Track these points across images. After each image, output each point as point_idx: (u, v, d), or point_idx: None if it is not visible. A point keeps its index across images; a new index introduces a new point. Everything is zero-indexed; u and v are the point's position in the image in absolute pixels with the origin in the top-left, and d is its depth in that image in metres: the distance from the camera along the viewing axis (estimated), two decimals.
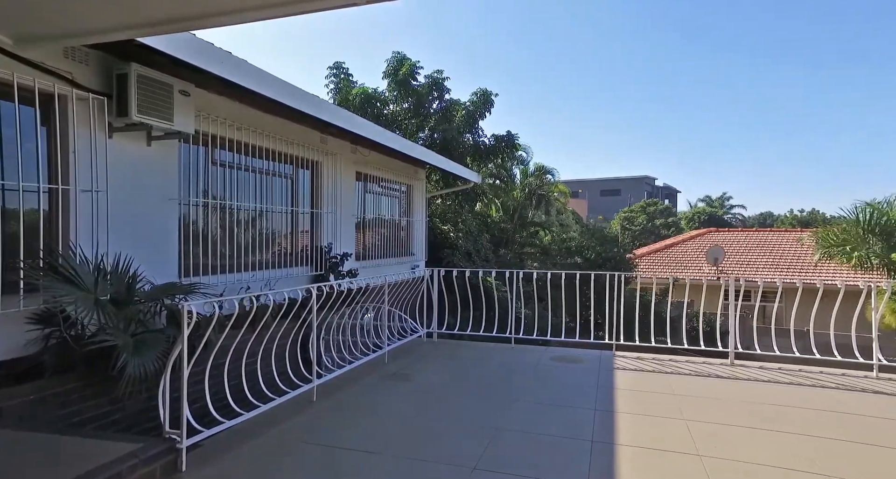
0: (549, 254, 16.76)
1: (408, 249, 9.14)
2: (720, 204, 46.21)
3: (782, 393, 4.73)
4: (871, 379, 5.11)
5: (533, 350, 6.40)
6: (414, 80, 12.40)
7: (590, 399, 4.44)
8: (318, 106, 5.11)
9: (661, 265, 20.80)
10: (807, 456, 3.31)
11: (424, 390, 4.77)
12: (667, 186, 59.48)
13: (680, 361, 5.84)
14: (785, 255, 19.36)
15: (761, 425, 3.87)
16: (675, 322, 6.22)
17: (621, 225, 37.56)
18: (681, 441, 3.54)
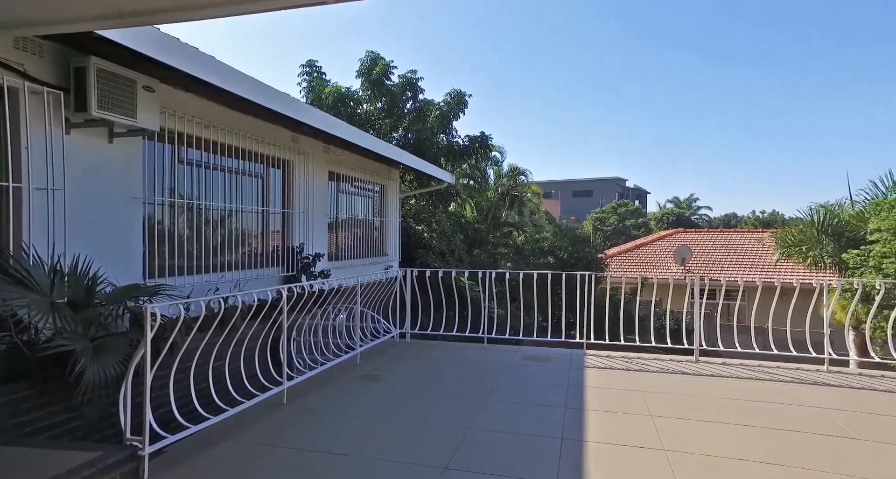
0: (523, 254, 16.94)
1: (381, 249, 9.10)
2: (688, 205, 47.52)
3: (743, 388, 4.90)
4: (822, 373, 5.35)
5: (505, 350, 6.46)
6: (388, 79, 12.35)
7: (560, 398, 4.50)
8: (289, 104, 5.03)
9: (631, 265, 21.26)
10: (763, 447, 3.44)
11: (397, 391, 4.75)
12: (637, 187, 60.84)
13: (648, 358, 5.99)
14: (747, 254, 20.06)
15: (723, 418, 4.01)
16: (644, 321, 6.37)
17: (593, 225, 38.24)
18: (647, 437, 3.63)
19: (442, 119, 12.33)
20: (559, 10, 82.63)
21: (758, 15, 73.83)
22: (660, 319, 12.19)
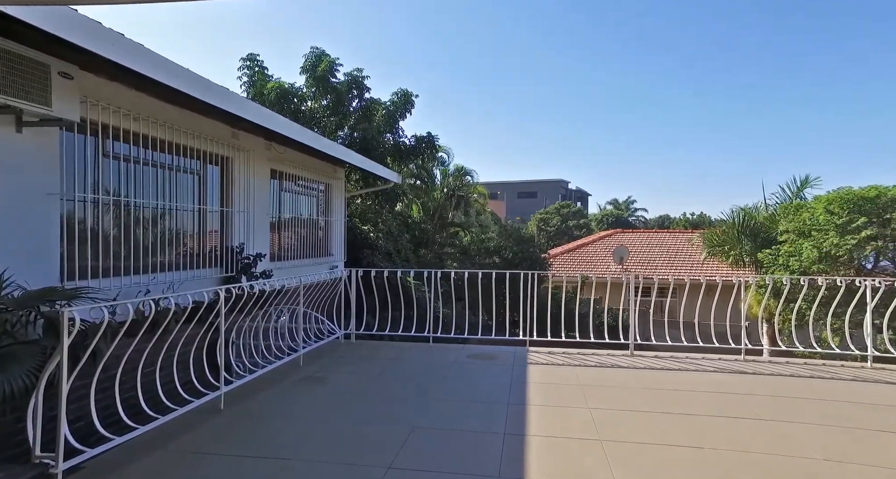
0: (469, 254, 17.14)
1: (326, 249, 8.92)
2: (626, 207, 49.86)
3: (672, 378, 5.23)
4: (740, 362, 5.80)
5: (450, 349, 6.52)
6: (333, 77, 12.11)
7: (503, 394, 4.61)
8: (227, 98, 4.83)
9: (573, 264, 22.04)
10: (689, 432, 3.69)
11: (340, 392, 4.69)
12: (579, 189, 63.14)
13: (587, 353, 6.25)
14: (679, 254, 21.34)
15: (654, 407, 4.26)
16: (584, 318, 6.64)
17: (537, 226, 39.30)
18: (584, 428, 3.79)
19: (388, 118, 12.25)
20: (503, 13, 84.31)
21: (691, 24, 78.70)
22: (599, 316, 12.73)
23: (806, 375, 5.34)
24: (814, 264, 10.50)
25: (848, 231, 10.14)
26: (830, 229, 10.43)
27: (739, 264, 13.61)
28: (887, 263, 10.82)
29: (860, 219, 10.02)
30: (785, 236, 11.78)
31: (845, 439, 3.64)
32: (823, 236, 10.53)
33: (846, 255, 10.14)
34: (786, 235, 11.76)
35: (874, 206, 9.99)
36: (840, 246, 10.08)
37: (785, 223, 11.99)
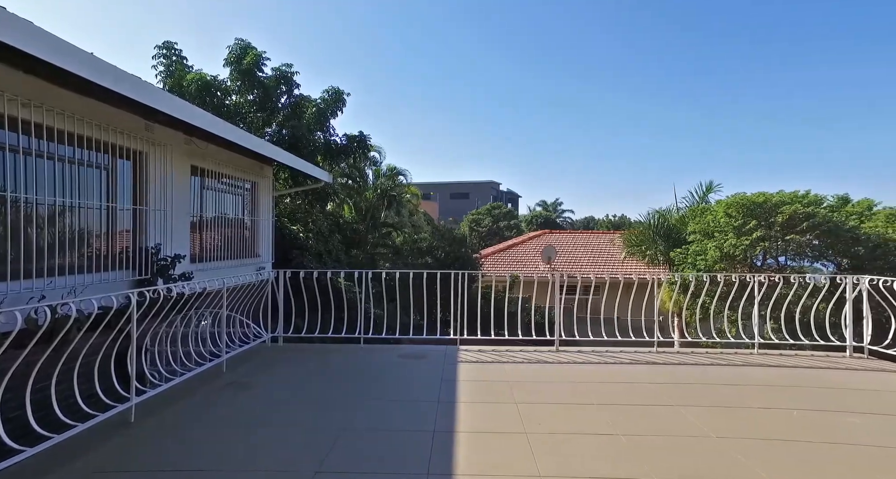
0: (402, 254, 17.11)
1: (253, 250, 8.56)
2: (554, 208, 51.96)
3: (593, 371, 5.55)
4: (652, 353, 6.27)
5: (382, 349, 6.50)
6: (260, 71, 11.63)
7: (434, 392, 4.67)
8: (140, 88, 4.50)
9: (504, 264, 22.65)
10: (608, 421, 3.94)
11: (266, 398, 4.53)
12: (510, 191, 64.97)
13: (515, 350, 6.46)
14: (602, 253, 22.59)
15: (576, 399, 4.50)
16: (514, 316, 6.87)
17: (469, 227, 39.98)
18: (511, 422, 3.94)
19: (319, 116, 11.96)
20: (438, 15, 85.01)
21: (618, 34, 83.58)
22: (528, 313, 13.21)
23: (707, 363, 5.87)
24: (716, 262, 11.55)
25: (743, 233, 11.25)
26: (729, 231, 11.52)
27: (655, 262, 14.67)
28: (772, 260, 12.13)
29: (752, 222, 11.15)
30: (693, 237, 12.85)
31: (734, 417, 4.06)
32: (724, 237, 11.60)
33: (741, 254, 11.24)
34: (693, 235, 12.84)
35: (762, 210, 11.15)
36: (737, 246, 11.16)
37: (692, 225, 13.09)
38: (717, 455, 3.35)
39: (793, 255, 12.36)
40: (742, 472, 3.11)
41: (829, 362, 5.89)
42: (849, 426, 3.90)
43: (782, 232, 11.04)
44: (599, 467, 3.17)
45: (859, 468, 3.18)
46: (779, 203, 11.14)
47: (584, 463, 3.22)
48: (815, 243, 11.58)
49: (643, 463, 3.21)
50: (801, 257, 12.41)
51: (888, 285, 5.79)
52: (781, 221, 10.92)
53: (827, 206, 11.95)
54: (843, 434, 3.74)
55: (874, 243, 10.64)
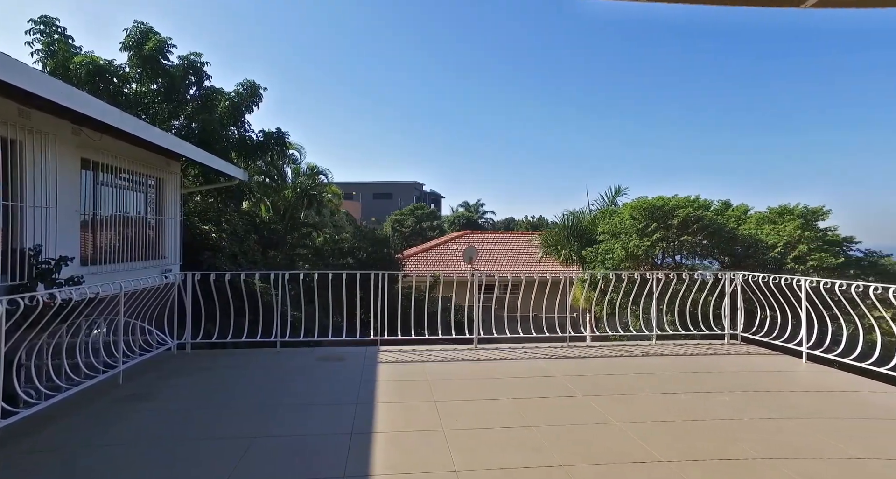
0: (323, 255, 16.68)
1: (158, 251, 7.95)
2: (476, 209, 53.11)
3: (508, 367, 5.79)
4: (565, 348, 6.66)
5: (299, 353, 6.33)
6: (165, 59, 10.80)
7: (352, 394, 4.64)
8: (9, 67, 4.00)
9: (426, 264, 22.83)
10: (521, 414, 4.15)
11: (170, 410, 4.25)
12: (433, 191, 65.50)
13: (435, 349, 6.57)
14: (521, 253, 23.49)
15: (492, 395, 4.68)
16: (435, 316, 6.98)
17: (392, 227, 39.81)
18: (429, 420, 4.02)
19: (233, 110, 11.35)
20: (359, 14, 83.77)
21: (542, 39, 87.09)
22: (449, 313, 13.45)
23: (612, 355, 6.34)
24: (622, 261, 12.46)
25: (645, 234, 12.25)
26: (633, 232, 12.48)
27: (569, 261, 15.51)
28: (670, 259, 13.32)
29: (653, 224, 12.18)
30: (602, 237, 13.76)
31: (631, 403, 4.44)
32: (629, 238, 12.55)
33: (644, 253, 12.23)
34: (603, 236, 13.75)
35: (661, 213, 12.22)
36: (640, 246, 12.12)
37: (602, 226, 14.02)
38: (616, 438, 3.66)
39: (686, 254, 13.65)
40: (635, 450, 3.42)
41: (711, 349, 6.60)
42: (720, 404, 4.42)
43: (678, 233, 12.17)
44: (511, 458, 3.33)
45: (722, 438, 3.63)
46: (675, 207, 12.26)
47: (497, 455, 3.37)
48: (705, 243, 12.85)
49: (551, 451, 3.43)
50: (693, 256, 13.73)
51: (755, 279, 6.65)
52: (677, 224, 12.03)
53: (713, 210, 13.34)
54: (714, 411, 4.23)
55: (748, 243, 12.06)
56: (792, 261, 11.46)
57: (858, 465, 3.27)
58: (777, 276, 6.45)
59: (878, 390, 4.91)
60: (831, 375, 5.47)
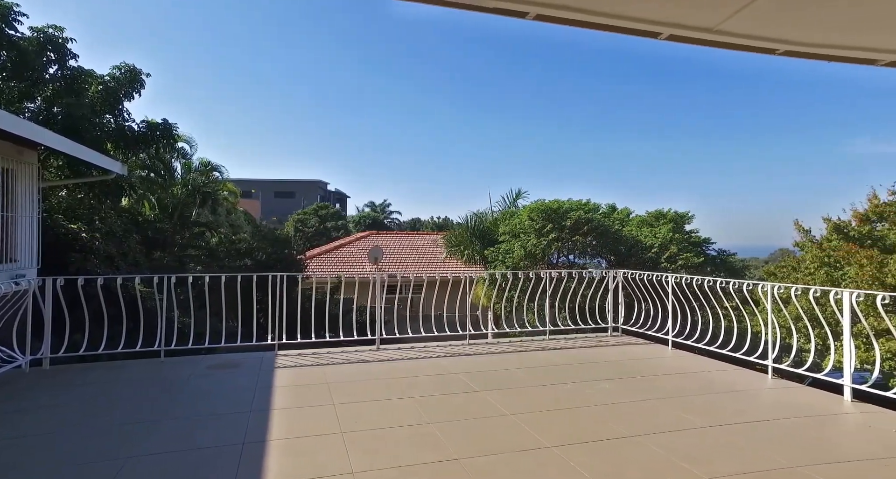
0: (217, 256, 15.58)
1: (8, 254, 6.89)
2: (382, 209, 52.74)
3: (410, 366, 5.85)
4: (465, 345, 6.89)
5: (187, 362, 5.87)
6: (12, 29, 9.33)
7: (246, 403, 4.41)
8: None
9: (330, 265, 22.26)
10: (421, 412, 4.22)
11: (23, 435, 3.73)
12: (338, 190, 63.99)
13: (336, 352, 6.45)
14: (426, 253, 23.77)
15: (393, 395, 4.71)
16: (337, 317, 6.83)
17: (295, 227, 38.24)
18: (328, 424, 3.94)
19: (108, 96, 10.17)
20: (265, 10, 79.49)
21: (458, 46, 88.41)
22: (355, 314, 13.21)
23: (509, 351, 6.67)
24: (521, 260, 13.14)
25: (542, 234, 13.03)
26: (531, 233, 13.22)
27: (472, 261, 16.02)
28: (564, 258, 14.33)
29: (549, 225, 13.00)
30: (503, 237, 14.40)
31: (524, 395, 4.72)
32: (527, 238, 13.27)
33: (541, 253, 13.01)
34: (504, 236, 14.39)
35: (556, 215, 13.10)
36: (537, 246, 12.87)
37: (503, 227, 14.67)
38: (509, 429, 3.87)
39: (579, 253, 14.75)
40: (525, 438, 3.65)
41: (597, 342, 7.21)
42: (601, 391, 4.86)
43: (570, 234, 13.11)
44: (410, 455, 3.39)
45: (601, 420, 4.01)
46: (568, 209, 13.21)
47: (396, 454, 3.41)
48: (594, 243, 13.98)
49: (448, 446, 3.54)
50: (584, 255, 14.88)
51: (633, 276, 7.40)
52: (570, 225, 12.96)
53: (601, 212, 14.58)
54: (596, 398, 4.64)
55: (630, 244, 13.37)
56: (665, 260, 12.87)
57: (702, 432, 3.78)
58: (650, 273, 7.22)
59: (722, 369, 5.70)
60: (689, 359, 6.25)
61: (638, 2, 2.39)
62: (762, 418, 4.18)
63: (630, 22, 2.47)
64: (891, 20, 1.97)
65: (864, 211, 10.92)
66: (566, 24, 2.55)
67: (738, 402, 4.61)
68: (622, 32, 2.35)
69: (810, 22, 2.06)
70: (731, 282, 5.99)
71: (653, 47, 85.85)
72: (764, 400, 4.75)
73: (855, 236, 10.47)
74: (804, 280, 10.62)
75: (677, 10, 2.43)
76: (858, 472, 3.22)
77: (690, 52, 68.92)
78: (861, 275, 9.28)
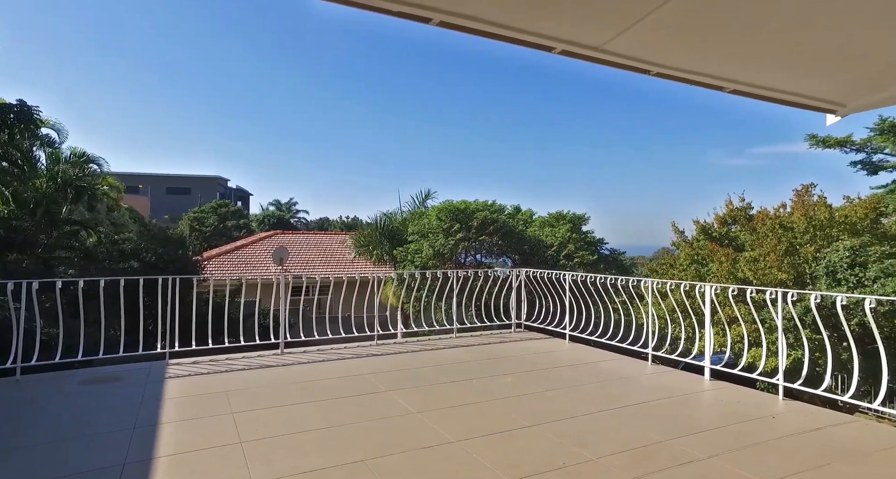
0: (96, 258, 13.92)
1: None
2: (288, 208, 50.51)
3: (316, 369, 5.69)
4: (374, 346, 6.84)
5: (52, 378, 5.19)
6: None
7: (129, 419, 4.01)
8: None
9: (231, 266, 20.91)
10: (325, 415, 4.13)
11: None
12: (240, 188, 60.21)
13: (236, 358, 6.09)
14: (335, 254, 23.18)
15: (297, 400, 4.55)
16: (237, 322, 6.45)
17: (191, 226, 35.34)
18: (226, 435, 3.72)
19: None
20: None
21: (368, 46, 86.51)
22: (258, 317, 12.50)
23: (417, 350, 6.74)
24: (430, 260, 13.31)
25: (449, 234, 13.31)
26: (440, 232, 13.45)
27: (381, 261, 15.92)
28: (472, 258, 14.77)
29: (456, 225, 13.32)
30: (412, 237, 14.49)
31: (431, 393, 4.82)
32: (436, 238, 13.48)
33: (448, 252, 13.28)
34: (413, 236, 14.48)
35: (464, 215, 13.46)
36: (445, 246, 13.12)
37: (412, 226, 14.75)
38: (415, 427, 3.92)
39: (486, 253, 15.27)
40: (430, 435, 3.72)
41: (501, 338, 7.53)
42: (503, 385, 5.09)
43: (477, 234, 13.53)
44: (314, 461, 3.31)
45: (503, 413, 4.22)
46: (475, 210, 13.62)
47: (300, 460, 3.31)
48: (500, 243, 14.55)
49: (354, 448, 3.51)
50: (491, 255, 15.44)
51: (535, 274, 7.85)
52: (476, 225, 13.37)
53: (507, 213, 15.23)
54: (499, 392, 4.86)
55: (533, 243, 14.13)
56: (563, 258, 13.76)
57: (591, 417, 4.13)
58: (550, 272, 7.70)
59: (612, 359, 6.25)
60: (584, 351, 6.76)
61: (535, 18, 2.55)
62: (641, 400, 4.64)
63: (527, 35, 2.63)
64: (730, 54, 2.33)
65: (723, 215, 12.54)
66: (468, 32, 2.66)
67: (623, 388, 5.09)
68: (520, 44, 2.49)
69: (674, 49, 2.35)
70: (619, 279, 6.59)
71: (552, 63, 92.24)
72: (643, 385, 5.27)
73: (716, 237, 11.99)
74: (679, 276, 11.92)
75: (569, 29, 2.63)
76: (709, 440, 3.72)
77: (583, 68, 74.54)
78: (720, 270, 10.65)
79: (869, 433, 3.94)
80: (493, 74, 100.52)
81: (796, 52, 2.35)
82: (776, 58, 2.42)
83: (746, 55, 2.42)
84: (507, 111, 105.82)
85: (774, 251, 9.90)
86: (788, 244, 9.96)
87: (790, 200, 11.32)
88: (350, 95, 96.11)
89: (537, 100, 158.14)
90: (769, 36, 2.23)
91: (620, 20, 2.19)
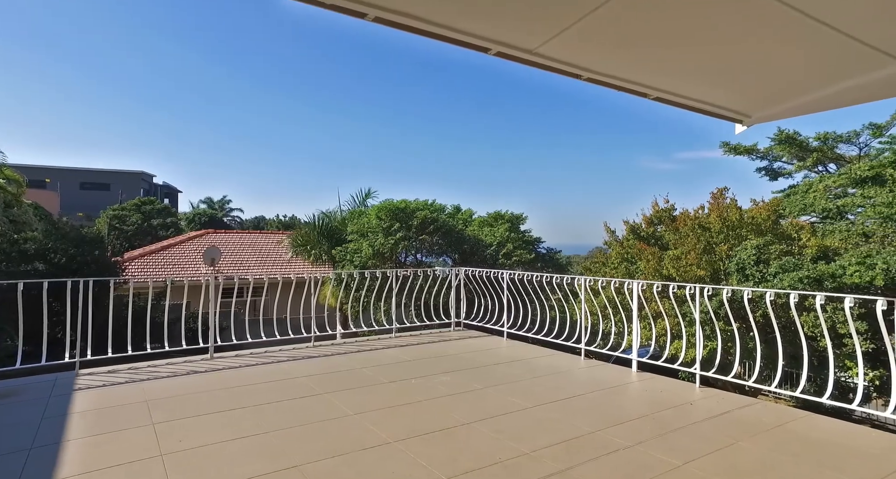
0: None
1: None
2: (220, 206, 48.04)
3: (249, 374, 5.45)
4: (310, 348, 6.65)
5: None
6: None
7: (25, 439, 3.63)
8: None
9: (157, 267, 19.60)
10: (259, 421, 3.96)
11: None
12: (167, 184, 56.54)
13: (160, 365, 5.72)
14: (271, 254, 22.33)
15: (228, 406, 4.33)
16: (163, 326, 6.03)
17: (110, 224, 32.73)
18: (144, 448, 3.47)
19: None
20: None
21: None
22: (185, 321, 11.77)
23: (355, 351, 6.62)
24: (370, 259, 13.13)
25: (389, 233, 13.20)
26: (379, 232, 13.31)
27: (319, 261, 15.50)
28: (412, 257, 14.73)
29: (396, 224, 13.23)
30: (352, 237, 14.22)
31: (369, 394, 4.75)
32: (375, 237, 13.31)
33: (389, 252, 13.17)
34: (352, 235, 14.22)
35: (404, 214, 13.39)
36: (385, 245, 13.00)
37: (352, 226, 14.49)
38: (352, 429, 3.84)
39: (426, 252, 15.27)
40: (368, 437, 3.67)
41: (441, 337, 7.56)
42: (442, 384, 5.11)
43: (417, 233, 13.51)
44: (245, 469, 3.15)
45: (441, 411, 4.24)
46: (415, 209, 13.59)
47: (229, 470, 3.15)
48: (440, 242, 14.60)
49: (288, 453, 3.38)
50: (431, 254, 15.47)
51: (474, 273, 7.95)
52: (416, 225, 13.35)
53: (447, 213, 15.31)
54: (437, 390, 4.88)
55: (473, 243, 14.32)
56: (502, 257, 14.04)
57: (526, 412, 4.24)
58: (489, 270, 7.82)
59: (548, 354, 6.46)
60: (521, 348, 6.93)
61: (470, 19, 2.56)
62: (574, 394, 4.82)
63: (463, 35, 2.64)
64: (651, 64, 2.47)
65: (650, 215, 13.31)
66: (404, 29, 2.63)
67: (557, 382, 5.26)
68: (456, 44, 2.50)
69: (601, 56, 2.45)
70: (555, 277, 6.81)
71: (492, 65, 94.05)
72: (577, 379, 5.48)
73: (644, 236, 12.71)
74: (610, 274, 12.52)
75: (503, 31, 2.67)
76: (635, 428, 3.93)
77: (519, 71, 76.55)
78: (647, 268, 11.31)
79: (767, 412, 4.35)
80: (436, 74, 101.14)
81: (708, 64, 2.53)
82: (691, 69, 2.59)
83: (665, 65, 2.57)
84: (452, 113, 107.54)
85: (694, 250, 10.64)
86: (706, 243, 10.74)
87: (708, 202, 12.20)
88: (289, 91, 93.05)
89: (482, 103, 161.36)
90: (685, 48, 2.38)
91: (549, 27, 2.26)
